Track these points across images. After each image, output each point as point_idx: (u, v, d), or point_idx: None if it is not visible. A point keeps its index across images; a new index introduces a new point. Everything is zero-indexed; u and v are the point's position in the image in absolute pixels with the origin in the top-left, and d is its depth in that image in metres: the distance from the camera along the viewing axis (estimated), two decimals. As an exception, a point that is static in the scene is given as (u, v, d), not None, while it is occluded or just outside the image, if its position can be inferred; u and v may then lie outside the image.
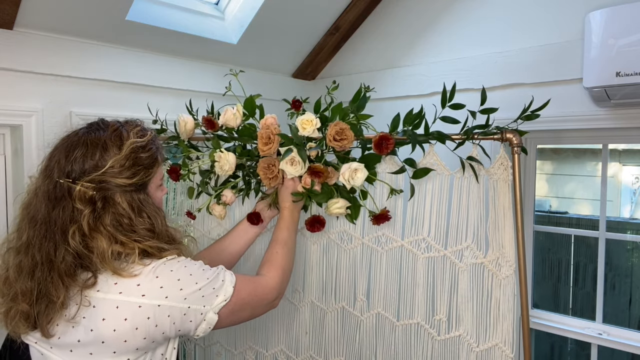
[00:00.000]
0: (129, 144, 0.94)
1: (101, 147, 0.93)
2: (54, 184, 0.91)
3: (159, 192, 1.05)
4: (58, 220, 0.90)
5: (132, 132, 0.97)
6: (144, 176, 0.97)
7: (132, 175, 0.94)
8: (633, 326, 3.11)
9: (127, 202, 0.93)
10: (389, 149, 1.18)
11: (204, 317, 0.95)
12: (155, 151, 1.00)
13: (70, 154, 0.92)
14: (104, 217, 0.90)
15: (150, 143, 0.99)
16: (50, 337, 0.88)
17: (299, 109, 1.29)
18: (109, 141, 0.94)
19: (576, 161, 4.29)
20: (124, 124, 0.99)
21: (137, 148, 0.96)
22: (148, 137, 0.99)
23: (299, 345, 1.54)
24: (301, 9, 1.93)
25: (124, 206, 0.92)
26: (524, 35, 1.74)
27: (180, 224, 1.66)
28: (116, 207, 0.92)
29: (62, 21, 1.48)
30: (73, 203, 0.89)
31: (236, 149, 1.36)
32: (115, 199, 0.92)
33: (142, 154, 0.96)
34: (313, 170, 1.22)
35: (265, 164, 1.25)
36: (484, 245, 1.23)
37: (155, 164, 1.00)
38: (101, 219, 0.90)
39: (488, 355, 1.22)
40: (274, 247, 1.21)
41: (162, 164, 1.05)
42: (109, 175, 0.91)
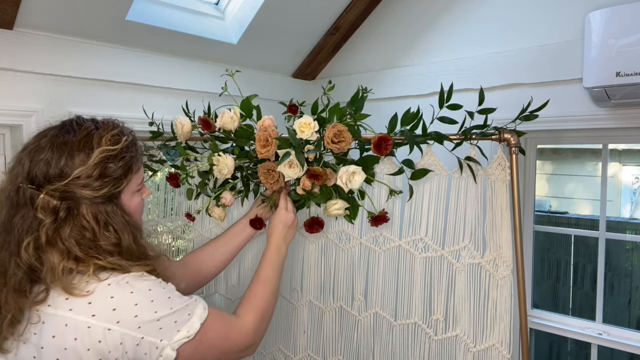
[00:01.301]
0: (99, 152, 0.86)
1: (68, 154, 0.85)
2: (17, 189, 0.85)
3: (135, 197, 0.96)
4: (16, 229, 0.83)
5: (105, 138, 0.88)
6: (114, 188, 0.88)
7: (100, 187, 0.86)
8: (633, 326, 3.11)
9: (93, 214, 0.85)
10: (388, 150, 1.18)
11: (161, 352, 0.83)
12: (130, 160, 0.92)
13: (36, 158, 0.85)
14: (64, 228, 0.83)
15: (124, 151, 0.90)
16: (6, 353, 0.82)
17: (296, 113, 1.29)
18: (77, 147, 0.86)
19: (576, 161, 4.28)
20: (100, 126, 0.91)
21: (107, 157, 0.87)
22: (122, 144, 0.90)
23: (296, 344, 1.55)
24: (301, 9, 1.93)
25: (89, 218, 0.84)
26: (524, 35, 1.74)
27: (179, 224, 1.67)
28: (79, 219, 0.84)
29: (62, 21, 1.49)
30: (35, 212, 0.82)
31: (234, 151, 1.36)
32: (80, 210, 0.84)
33: (113, 163, 0.88)
34: (312, 173, 1.22)
35: (265, 169, 1.26)
36: (481, 246, 1.23)
37: (129, 173, 0.91)
38: (60, 231, 0.83)
39: (485, 355, 1.22)
40: (255, 286, 1.11)
41: (141, 169, 0.97)
42: (74, 186, 0.84)
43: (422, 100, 1.97)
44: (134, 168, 0.93)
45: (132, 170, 0.92)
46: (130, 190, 0.93)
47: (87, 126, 0.90)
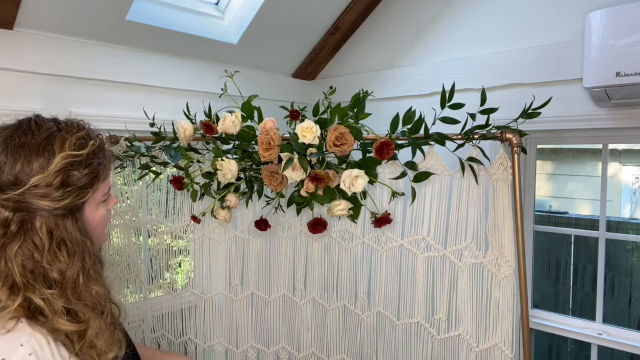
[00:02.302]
0: (61, 157, 0.74)
1: (25, 158, 0.73)
2: None
3: (100, 209, 0.84)
4: None
5: (68, 142, 0.76)
6: (77, 198, 0.76)
7: (61, 198, 0.74)
8: (633, 326, 3.11)
9: (48, 229, 0.73)
10: (389, 154, 1.19)
11: None
12: (97, 167, 0.80)
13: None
14: (11, 244, 0.71)
15: (90, 157, 0.79)
16: None
17: (297, 119, 1.29)
18: (36, 151, 0.74)
19: (576, 161, 4.29)
20: (62, 128, 0.79)
21: (71, 163, 0.75)
22: (88, 149, 0.78)
23: (300, 342, 1.55)
24: (301, 9, 1.93)
25: (42, 234, 0.72)
26: (524, 35, 1.74)
27: (180, 224, 1.67)
28: (32, 235, 0.72)
29: (62, 21, 1.48)
30: None
31: (237, 152, 1.36)
32: (34, 224, 0.73)
33: (78, 171, 0.76)
34: (315, 176, 1.22)
35: (269, 171, 1.27)
36: (483, 245, 1.23)
37: (95, 181, 0.79)
38: (7, 247, 0.71)
39: (487, 354, 1.22)
40: None
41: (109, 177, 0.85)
42: (30, 195, 0.72)
43: (423, 100, 1.97)
44: (101, 176, 0.81)
45: (99, 178, 0.81)
46: (95, 200, 0.81)
47: (48, 127, 0.77)
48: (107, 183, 0.85)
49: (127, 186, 1.61)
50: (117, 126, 1.64)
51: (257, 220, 1.39)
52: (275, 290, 1.58)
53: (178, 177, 1.40)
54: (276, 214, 1.48)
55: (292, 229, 1.53)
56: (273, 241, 1.57)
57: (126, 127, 1.62)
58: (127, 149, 1.51)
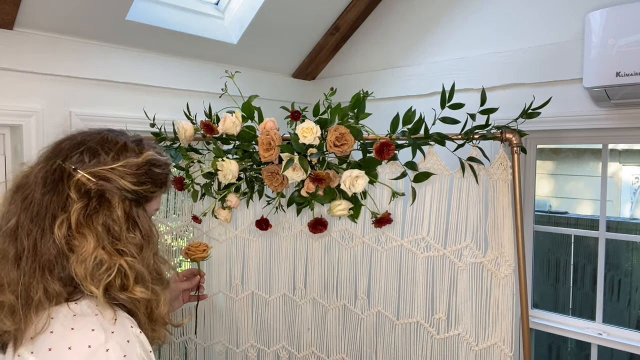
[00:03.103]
0: (149, 154, 0.88)
1: (120, 147, 0.86)
2: (55, 167, 0.83)
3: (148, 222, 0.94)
4: (50, 205, 0.80)
5: (153, 150, 0.91)
6: (149, 191, 0.87)
7: (139, 183, 0.85)
8: (633, 326, 3.12)
9: (123, 209, 0.83)
10: (390, 155, 1.19)
11: None
12: (165, 177, 0.92)
13: (84, 143, 0.85)
14: (96, 216, 0.80)
15: (165, 166, 0.92)
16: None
17: (298, 119, 1.29)
18: (130, 144, 0.88)
19: (576, 161, 4.29)
20: (144, 139, 0.94)
21: (154, 160, 0.89)
22: (164, 159, 0.93)
23: (300, 341, 1.55)
24: (301, 9, 1.93)
25: (119, 213, 0.82)
26: (524, 35, 1.74)
27: (180, 224, 1.67)
28: (110, 211, 0.82)
29: (62, 21, 1.48)
30: (68, 190, 0.80)
31: (237, 152, 1.36)
32: (112, 202, 0.82)
33: (157, 169, 0.89)
34: (315, 176, 1.23)
35: (269, 172, 1.27)
36: (483, 245, 1.23)
37: (162, 186, 0.91)
38: (93, 217, 0.80)
39: (487, 354, 1.22)
40: None
41: (162, 195, 0.95)
42: (115, 174, 0.82)
43: (423, 100, 1.97)
44: (164, 187, 0.93)
45: (163, 186, 0.92)
46: (150, 208, 0.91)
47: (139, 137, 0.93)
48: (159, 201, 0.95)
49: (127, 186, 1.61)
50: (117, 126, 1.62)
51: (258, 220, 1.40)
52: (275, 290, 1.58)
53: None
54: (277, 213, 1.48)
55: (292, 229, 1.53)
56: (273, 241, 1.57)
57: (126, 127, 1.62)
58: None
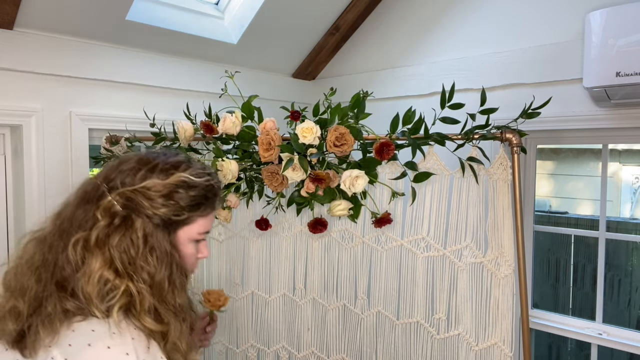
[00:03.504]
0: (177, 176, 0.85)
1: (149, 169, 0.86)
2: (93, 185, 0.86)
3: (190, 247, 0.90)
4: (77, 223, 0.82)
5: (190, 170, 0.88)
6: (173, 214, 0.84)
7: (161, 206, 0.83)
8: (633, 326, 3.11)
9: (144, 232, 0.82)
10: (390, 155, 1.19)
11: None
12: (201, 198, 0.88)
13: (121, 166, 0.87)
14: (114, 235, 0.80)
15: (200, 187, 0.88)
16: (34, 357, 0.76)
17: (298, 120, 1.29)
18: (161, 168, 0.86)
19: (576, 161, 4.28)
20: (191, 164, 0.91)
21: (182, 182, 0.85)
22: (201, 180, 0.88)
23: (300, 341, 1.55)
24: (301, 9, 1.93)
25: (139, 234, 0.81)
26: (524, 35, 1.74)
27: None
28: (130, 231, 0.81)
29: (62, 21, 1.48)
30: (96, 209, 0.82)
31: (237, 152, 1.36)
32: (135, 224, 0.82)
33: (184, 191, 0.85)
34: (315, 176, 1.23)
35: (269, 172, 1.27)
36: (483, 245, 1.23)
37: (194, 209, 0.87)
38: (110, 238, 0.80)
39: (487, 354, 1.22)
40: None
41: (208, 220, 0.92)
42: (140, 195, 0.82)
43: (423, 100, 1.97)
44: (201, 209, 0.89)
45: (198, 209, 0.88)
46: (189, 232, 0.89)
47: (180, 158, 0.91)
48: (205, 224, 0.91)
49: (127, 186, 1.60)
50: (117, 126, 1.64)
51: (258, 220, 1.40)
52: (275, 290, 1.58)
53: None
54: (277, 213, 1.48)
55: (292, 229, 1.53)
56: (273, 241, 1.57)
57: (126, 127, 1.62)
58: (127, 150, 1.51)
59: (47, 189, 1.50)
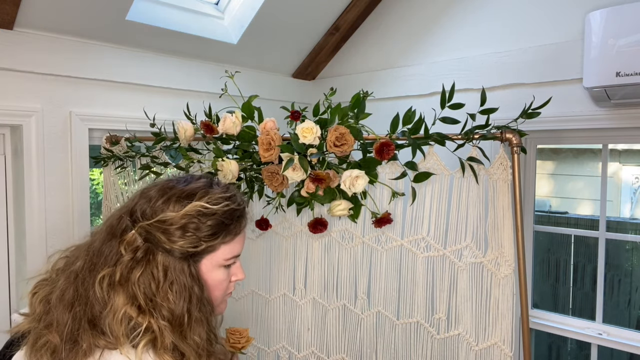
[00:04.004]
0: (193, 205, 0.83)
1: (167, 198, 0.84)
2: (119, 218, 0.85)
3: (219, 272, 0.88)
4: (102, 257, 0.82)
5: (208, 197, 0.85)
6: (192, 246, 0.82)
7: (178, 239, 0.81)
8: (633, 326, 3.11)
9: (164, 266, 0.80)
10: (390, 155, 1.19)
11: None
12: (221, 225, 0.85)
13: (144, 194, 0.86)
14: (136, 270, 0.79)
15: (219, 214, 0.85)
16: None
17: (298, 119, 1.29)
18: (179, 195, 0.84)
19: (576, 161, 4.28)
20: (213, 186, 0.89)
21: (199, 212, 0.83)
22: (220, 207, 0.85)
23: (300, 341, 1.55)
24: (301, 9, 1.94)
25: (160, 268, 0.80)
26: (524, 35, 1.74)
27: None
28: (151, 266, 0.80)
29: (62, 21, 1.48)
30: (120, 244, 0.81)
31: (237, 152, 1.36)
32: (156, 257, 0.81)
33: (200, 220, 0.83)
34: (315, 176, 1.23)
35: (269, 172, 1.27)
36: (483, 245, 1.23)
37: (214, 237, 0.85)
38: (132, 272, 0.79)
39: (487, 354, 1.22)
40: None
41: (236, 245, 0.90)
42: (156, 229, 0.81)
43: (423, 100, 1.97)
44: (222, 237, 0.86)
45: (219, 236, 0.85)
46: (214, 260, 0.87)
47: (203, 182, 0.88)
48: (233, 249, 0.89)
49: (128, 186, 1.61)
50: (117, 126, 1.64)
51: (258, 220, 1.40)
52: (275, 290, 1.58)
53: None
54: (277, 213, 1.48)
55: (292, 229, 1.53)
56: (273, 241, 1.57)
57: (126, 127, 1.62)
58: (127, 149, 1.51)
59: (47, 189, 1.50)
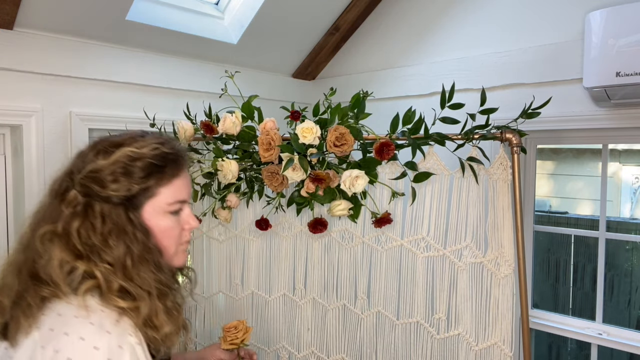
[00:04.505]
0: (122, 152, 0.84)
1: (98, 151, 0.85)
2: (59, 181, 0.87)
3: (166, 220, 0.87)
4: (45, 218, 0.84)
5: (138, 143, 0.85)
6: (126, 190, 0.82)
7: (112, 184, 0.82)
8: (633, 326, 3.11)
9: (102, 214, 0.82)
10: (390, 155, 1.19)
11: None
12: (155, 167, 0.85)
13: (79, 153, 0.88)
14: (74, 222, 0.81)
15: (150, 157, 0.85)
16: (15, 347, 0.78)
17: (298, 119, 1.29)
18: (110, 146, 0.85)
19: (576, 161, 4.28)
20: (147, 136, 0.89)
21: (129, 157, 0.83)
22: (149, 150, 0.85)
23: (300, 341, 1.55)
24: (301, 9, 1.94)
25: (97, 217, 0.81)
26: (524, 35, 1.74)
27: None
28: (91, 218, 0.81)
29: (62, 21, 1.48)
30: (61, 203, 0.83)
31: (237, 152, 1.37)
32: (94, 208, 0.82)
33: (132, 164, 0.83)
34: (315, 176, 1.23)
35: (269, 172, 1.27)
36: (483, 245, 1.23)
37: (148, 180, 0.84)
38: (71, 224, 0.81)
39: (487, 354, 1.22)
40: None
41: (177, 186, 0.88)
42: (90, 180, 0.82)
43: (423, 100, 1.97)
44: (156, 179, 0.85)
45: (152, 178, 0.84)
46: (156, 205, 0.86)
47: (129, 134, 0.89)
48: (175, 194, 0.88)
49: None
50: (117, 126, 1.64)
51: (258, 220, 1.40)
52: (275, 290, 1.58)
53: None
54: (277, 213, 1.48)
55: (292, 229, 1.53)
56: (273, 241, 1.57)
57: (126, 127, 1.62)
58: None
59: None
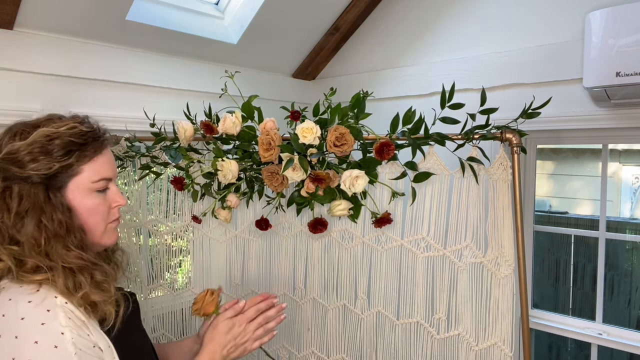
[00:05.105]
0: (39, 132, 0.83)
1: (13, 133, 0.84)
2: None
3: (91, 198, 0.87)
4: None
5: (55, 124, 0.85)
6: (48, 168, 0.81)
7: (31, 163, 0.81)
8: (633, 326, 3.11)
9: (20, 194, 0.81)
10: (390, 155, 1.19)
11: None
12: (75, 145, 0.84)
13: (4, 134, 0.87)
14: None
15: (69, 135, 0.84)
16: None
17: (298, 120, 1.29)
18: (27, 128, 0.85)
19: (576, 161, 4.28)
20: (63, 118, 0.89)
21: (46, 136, 0.83)
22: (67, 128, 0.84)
23: (300, 341, 1.55)
24: (301, 9, 1.94)
25: (15, 198, 0.81)
26: (524, 35, 1.74)
27: (181, 224, 1.67)
28: (7, 198, 0.81)
29: (62, 21, 1.48)
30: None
31: (237, 152, 1.37)
32: (13, 189, 0.81)
33: (50, 143, 0.82)
34: (315, 176, 1.23)
35: (269, 172, 1.27)
36: (483, 245, 1.23)
37: (67, 158, 0.83)
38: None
39: (487, 354, 1.22)
40: None
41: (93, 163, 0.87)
42: (8, 162, 0.81)
43: (423, 100, 1.97)
44: (78, 156, 0.85)
45: (72, 156, 0.84)
46: (80, 184, 0.85)
47: (51, 115, 0.88)
48: (99, 171, 0.87)
49: (128, 186, 1.61)
50: (117, 126, 1.64)
51: (258, 220, 1.40)
52: (275, 290, 1.58)
53: (179, 177, 1.41)
54: (277, 213, 1.48)
55: (292, 229, 1.53)
56: (273, 241, 1.57)
57: (126, 127, 1.62)
58: (127, 150, 1.51)
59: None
